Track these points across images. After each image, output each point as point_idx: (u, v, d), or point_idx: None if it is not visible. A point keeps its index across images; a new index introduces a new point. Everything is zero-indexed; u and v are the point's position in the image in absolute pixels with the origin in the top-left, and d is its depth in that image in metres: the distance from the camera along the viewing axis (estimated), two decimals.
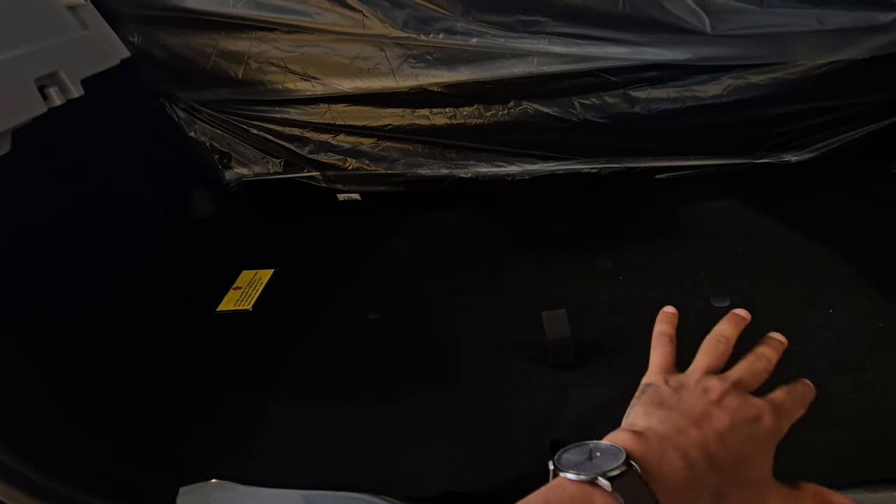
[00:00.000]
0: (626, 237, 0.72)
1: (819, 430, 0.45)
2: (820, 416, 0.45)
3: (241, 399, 0.58)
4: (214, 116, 0.78)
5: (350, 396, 0.56)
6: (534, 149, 0.79)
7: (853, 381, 0.47)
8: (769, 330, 0.53)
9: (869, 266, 0.57)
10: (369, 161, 0.82)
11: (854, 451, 0.44)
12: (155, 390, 0.61)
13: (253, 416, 0.56)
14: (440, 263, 0.75)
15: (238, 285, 0.76)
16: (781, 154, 0.77)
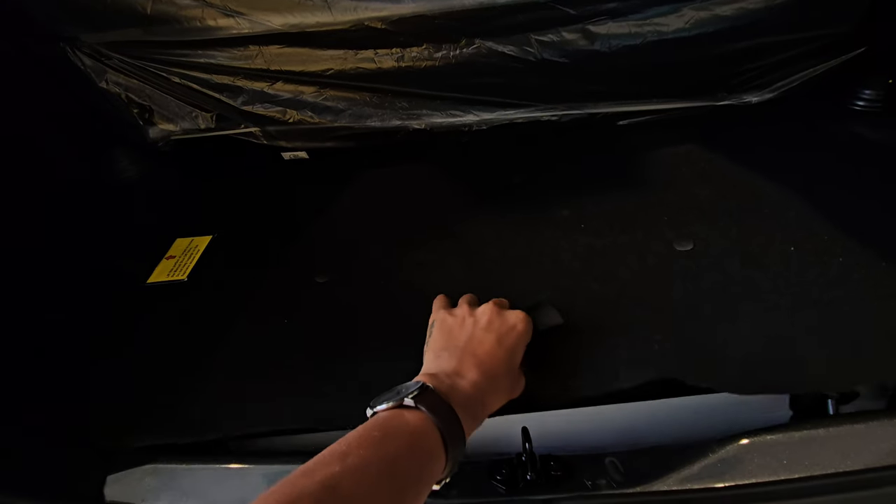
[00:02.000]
0: (587, 185, 0.69)
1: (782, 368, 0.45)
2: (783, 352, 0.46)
3: (177, 376, 0.53)
4: (127, 63, 0.69)
5: (296, 364, 0.52)
6: (490, 94, 0.74)
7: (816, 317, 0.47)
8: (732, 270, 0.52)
9: (829, 203, 0.56)
10: (312, 112, 0.75)
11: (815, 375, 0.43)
12: (81, 371, 0.55)
13: (191, 392, 0.51)
14: (395, 221, 0.70)
15: (171, 254, 0.69)
16: (742, 95, 0.75)
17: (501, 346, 0.42)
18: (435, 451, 0.35)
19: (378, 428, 0.34)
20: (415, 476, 0.33)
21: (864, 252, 0.49)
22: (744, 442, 0.42)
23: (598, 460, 0.45)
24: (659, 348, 0.48)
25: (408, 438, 0.34)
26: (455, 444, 0.36)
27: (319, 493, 0.29)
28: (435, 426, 0.35)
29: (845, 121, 0.68)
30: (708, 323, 0.49)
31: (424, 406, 0.35)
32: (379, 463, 0.32)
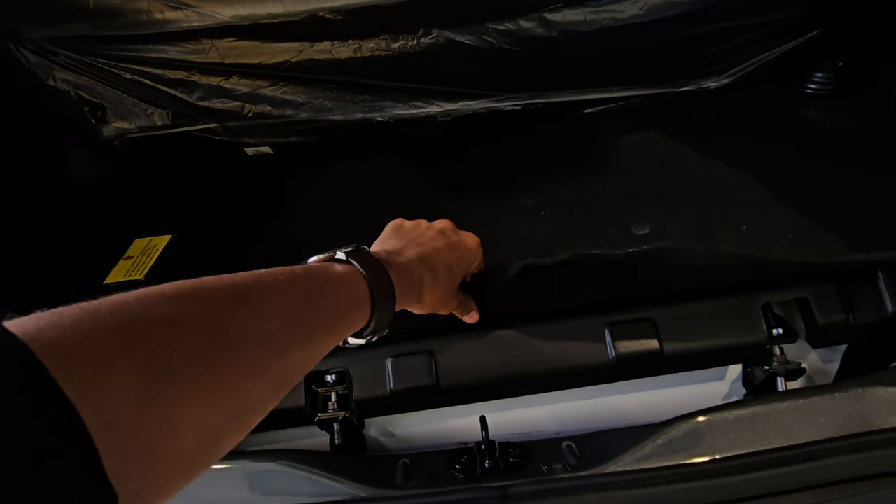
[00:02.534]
0: (549, 174, 0.69)
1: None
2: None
3: None
4: (75, 59, 0.67)
5: None
6: (451, 85, 0.74)
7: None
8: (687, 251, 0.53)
9: (782, 183, 0.57)
10: (271, 106, 0.73)
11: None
12: None
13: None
14: (358, 216, 0.70)
15: (129, 255, 0.67)
16: (701, 81, 0.76)
17: (451, 250, 0.43)
18: (358, 299, 0.33)
19: (302, 268, 0.32)
20: (330, 316, 0.31)
21: (813, 229, 0.50)
22: (696, 420, 0.43)
23: (555, 445, 0.46)
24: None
25: (332, 281, 0.32)
26: (383, 298, 0.35)
27: (227, 296, 0.26)
28: (362, 277, 0.34)
29: (798, 104, 0.69)
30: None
31: (355, 260, 0.35)
32: (295, 290, 0.29)
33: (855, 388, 0.43)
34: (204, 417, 0.23)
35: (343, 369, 0.51)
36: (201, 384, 0.22)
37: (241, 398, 0.25)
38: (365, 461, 0.48)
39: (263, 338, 0.26)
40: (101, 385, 0.19)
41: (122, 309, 0.22)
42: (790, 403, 0.43)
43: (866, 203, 0.53)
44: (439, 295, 0.42)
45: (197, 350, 0.23)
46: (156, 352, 0.21)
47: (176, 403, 0.21)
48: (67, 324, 0.20)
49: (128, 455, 0.19)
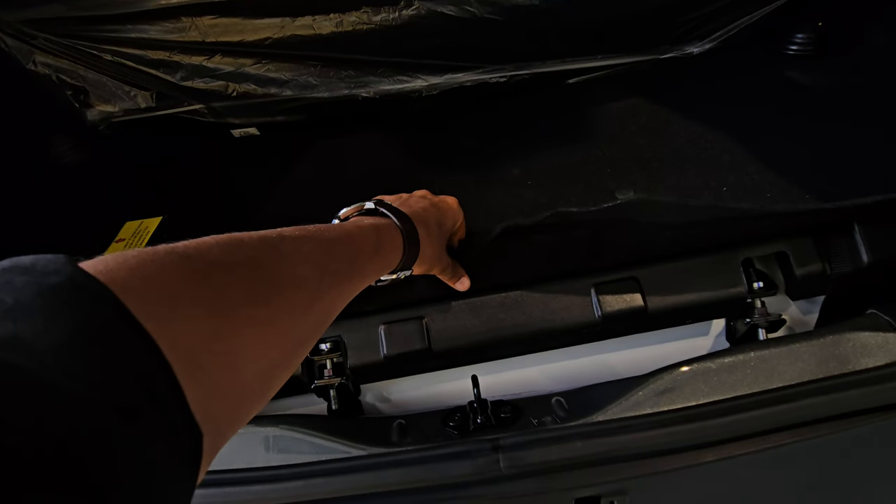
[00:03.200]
0: (535, 144, 0.70)
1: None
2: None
3: None
4: (54, 42, 0.66)
5: None
6: (435, 58, 0.74)
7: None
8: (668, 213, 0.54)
9: (761, 145, 0.58)
10: (255, 85, 0.73)
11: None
12: None
13: None
14: (346, 192, 0.69)
15: (121, 237, 0.68)
16: (684, 46, 0.76)
17: (435, 208, 0.47)
18: (390, 242, 0.38)
19: (332, 226, 0.36)
20: (363, 260, 0.35)
21: (789, 187, 0.51)
22: (680, 370, 0.45)
23: (545, 401, 0.47)
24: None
25: (365, 230, 0.37)
26: (411, 239, 0.40)
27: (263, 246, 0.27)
28: (393, 223, 0.40)
29: (779, 66, 0.70)
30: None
31: (384, 208, 0.40)
32: (321, 241, 0.32)
33: (832, 335, 0.45)
34: (261, 353, 0.24)
35: (337, 338, 0.52)
36: (257, 322, 0.24)
37: (290, 335, 0.27)
38: (361, 423, 0.50)
39: (299, 283, 0.28)
40: (174, 322, 0.20)
41: (178, 252, 0.22)
42: (770, 351, 0.44)
43: (842, 157, 0.54)
44: (434, 250, 0.44)
45: (250, 291, 0.24)
46: (218, 291, 0.22)
47: (239, 340, 0.23)
48: (134, 264, 0.20)
49: (207, 390, 0.20)
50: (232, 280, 0.24)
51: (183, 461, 0.18)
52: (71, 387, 0.15)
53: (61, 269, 0.18)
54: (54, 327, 0.16)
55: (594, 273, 0.52)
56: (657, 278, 0.51)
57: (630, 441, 0.40)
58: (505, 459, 0.40)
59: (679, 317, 0.52)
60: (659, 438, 0.40)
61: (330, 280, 0.30)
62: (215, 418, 0.20)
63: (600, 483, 0.40)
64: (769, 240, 0.52)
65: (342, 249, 0.33)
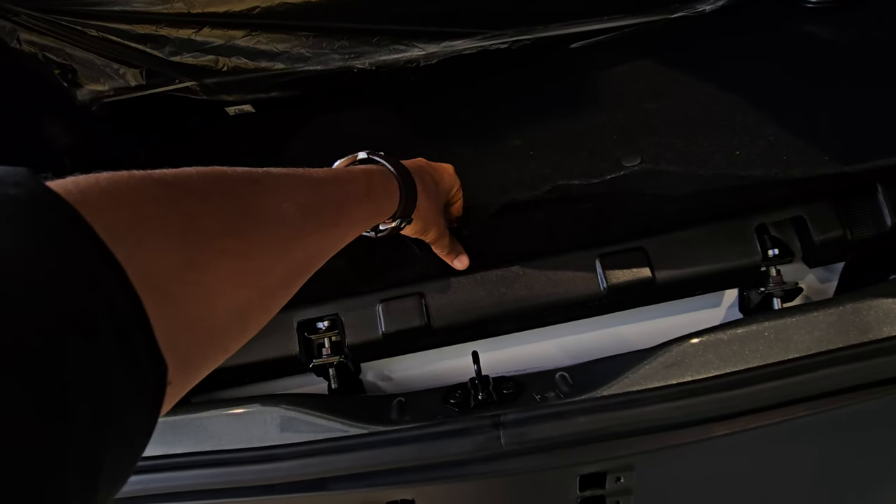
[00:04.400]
0: (537, 112, 0.67)
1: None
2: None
3: None
4: (37, 18, 0.64)
5: None
6: (431, 24, 0.70)
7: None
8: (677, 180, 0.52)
9: (777, 105, 0.55)
10: (246, 58, 0.71)
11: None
12: None
13: None
14: None
15: None
16: (696, 4, 0.72)
17: (431, 167, 0.46)
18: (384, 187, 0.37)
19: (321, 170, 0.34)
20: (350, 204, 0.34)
21: (806, 149, 0.48)
22: (690, 342, 0.43)
23: (548, 376, 0.46)
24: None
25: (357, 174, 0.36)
26: (406, 184, 0.39)
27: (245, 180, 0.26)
28: (388, 170, 0.39)
29: (798, 20, 0.65)
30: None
31: (378, 157, 0.40)
32: (306, 183, 0.31)
33: (852, 302, 0.42)
34: (237, 289, 0.23)
35: (334, 316, 0.51)
36: (232, 255, 0.23)
37: (268, 274, 0.26)
38: (360, 401, 0.49)
39: (280, 218, 0.27)
40: (143, 245, 0.18)
41: (154, 178, 0.21)
42: (785, 321, 0.42)
43: (864, 116, 0.51)
44: (431, 206, 0.43)
45: (226, 221, 0.23)
46: (192, 219, 0.21)
47: (213, 271, 0.22)
48: (105, 186, 0.19)
49: (175, 320, 0.19)
50: (208, 209, 0.23)
51: (142, 388, 0.17)
52: (22, 294, 0.14)
53: (23, 182, 0.17)
54: (7, 236, 0.15)
55: (599, 244, 0.50)
56: (666, 248, 0.49)
57: (636, 415, 0.38)
58: (506, 436, 0.39)
59: (689, 288, 0.50)
60: (667, 412, 0.38)
61: (314, 220, 0.29)
62: (183, 351, 0.19)
63: (605, 459, 0.39)
64: (785, 204, 0.49)
65: (329, 189, 0.32)
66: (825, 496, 0.45)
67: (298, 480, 0.41)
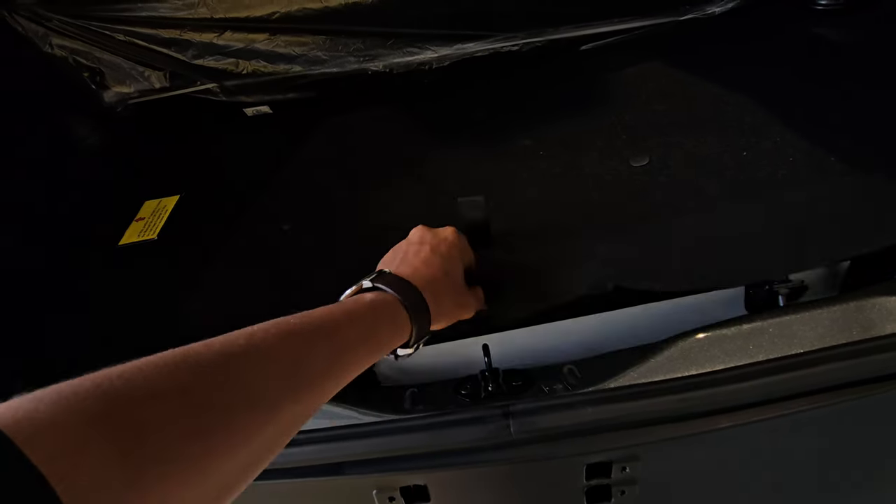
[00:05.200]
0: (547, 113, 0.68)
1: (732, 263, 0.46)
2: (733, 248, 0.47)
3: (155, 330, 0.55)
4: (69, 24, 0.67)
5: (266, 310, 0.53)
6: (445, 27, 0.72)
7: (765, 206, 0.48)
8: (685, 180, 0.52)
9: (785, 105, 0.56)
10: (265, 62, 0.73)
11: (771, 253, 0.45)
12: (62, 333, 0.57)
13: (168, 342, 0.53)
14: (358, 166, 0.70)
15: (141, 216, 0.70)
16: (705, 6, 0.73)
17: (436, 253, 0.43)
18: (392, 318, 0.36)
19: (333, 306, 0.34)
20: (361, 338, 0.33)
21: (814, 149, 0.49)
22: (695, 337, 0.44)
23: (556, 369, 0.47)
24: (612, 264, 0.49)
25: (364, 309, 0.34)
26: (417, 310, 0.37)
27: (217, 362, 0.25)
28: (396, 299, 0.37)
29: (807, 22, 0.66)
30: (660, 232, 0.50)
31: (384, 285, 0.37)
32: (317, 325, 0.31)
33: (856, 300, 0.43)
34: (184, 491, 0.21)
35: None
36: (185, 461, 0.21)
37: (225, 468, 0.23)
38: (373, 391, 0.51)
39: (252, 403, 0.25)
40: (81, 475, 0.18)
41: (104, 388, 0.21)
42: (789, 317, 0.43)
43: (872, 118, 0.51)
44: (450, 303, 0.41)
45: (182, 427, 0.22)
46: (141, 434, 0.20)
47: (163, 484, 0.20)
48: (45, 411, 0.19)
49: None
50: (164, 415, 0.21)
51: None
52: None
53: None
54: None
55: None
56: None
57: (642, 407, 0.40)
58: (515, 425, 0.40)
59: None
60: (671, 404, 0.40)
61: (297, 388, 0.27)
62: None
63: (611, 449, 0.40)
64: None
65: (323, 345, 0.30)
66: (827, 489, 0.46)
67: (316, 465, 0.43)
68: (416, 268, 0.40)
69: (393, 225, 0.58)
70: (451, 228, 0.47)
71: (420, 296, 0.38)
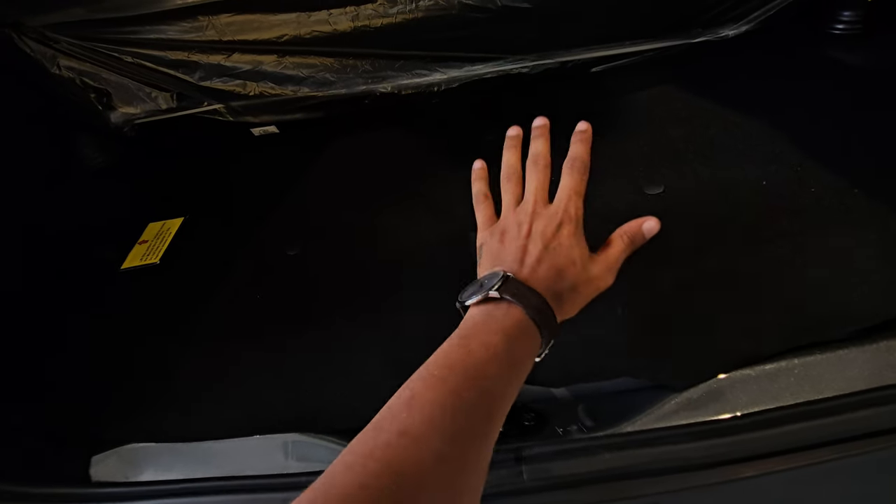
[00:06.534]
0: (559, 137, 0.66)
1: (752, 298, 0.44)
2: (754, 285, 0.45)
3: (154, 356, 0.53)
4: (77, 46, 0.67)
5: (269, 337, 0.52)
6: (454, 49, 0.71)
7: (784, 248, 0.46)
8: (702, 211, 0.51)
9: (804, 133, 0.54)
10: (273, 83, 0.73)
11: (787, 316, 0.42)
12: (60, 358, 0.56)
13: (168, 371, 0.52)
14: (365, 189, 0.69)
15: (144, 239, 0.69)
16: (718, 29, 0.72)
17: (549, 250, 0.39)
18: (526, 332, 0.35)
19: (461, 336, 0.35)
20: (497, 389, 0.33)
21: (836, 180, 0.47)
22: (716, 378, 0.42)
23: (570, 407, 0.45)
24: (623, 305, 0.47)
25: (494, 345, 0.33)
26: (547, 322, 0.36)
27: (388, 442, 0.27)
28: (524, 312, 0.35)
29: (824, 46, 0.65)
30: (674, 268, 0.48)
31: (510, 295, 0.35)
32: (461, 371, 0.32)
33: (887, 340, 0.41)
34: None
35: None
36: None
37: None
38: None
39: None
40: None
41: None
42: (815, 357, 0.41)
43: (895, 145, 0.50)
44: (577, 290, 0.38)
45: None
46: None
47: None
48: None
49: None
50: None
51: None
52: None
53: None
54: None
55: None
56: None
57: (662, 454, 0.38)
58: (528, 471, 0.38)
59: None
60: (693, 451, 0.38)
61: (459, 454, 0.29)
62: None
63: (630, 498, 0.38)
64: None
65: (470, 396, 0.31)
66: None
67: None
68: (533, 268, 0.38)
69: (401, 252, 0.57)
70: (562, 206, 0.42)
71: (545, 302, 0.36)
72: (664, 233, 0.50)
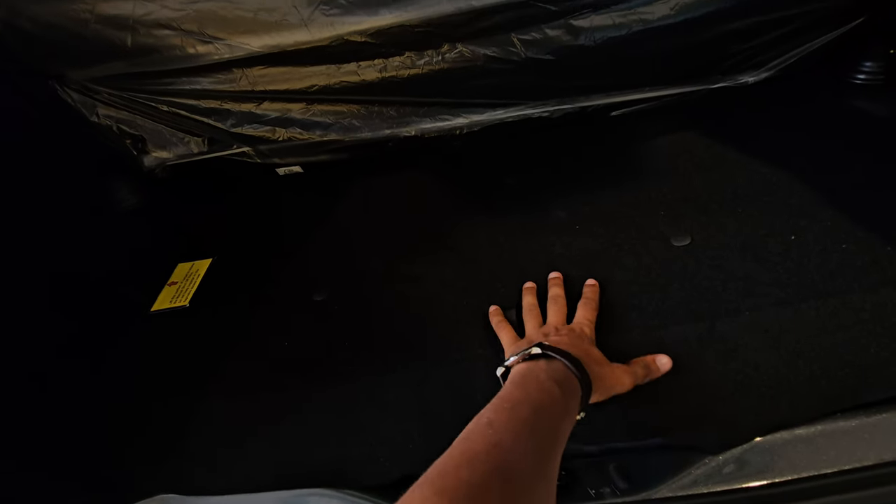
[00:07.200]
0: (581, 183, 0.67)
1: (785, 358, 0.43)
2: (786, 347, 0.44)
3: (183, 404, 0.54)
4: (116, 96, 0.70)
5: (298, 387, 0.52)
6: (477, 97, 0.73)
7: (816, 308, 0.45)
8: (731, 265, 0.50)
9: (833, 185, 0.54)
10: (301, 129, 0.75)
11: (823, 381, 0.42)
12: (87, 405, 0.56)
13: (197, 420, 0.52)
14: (389, 233, 0.70)
15: (173, 280, 0.70)
16: (737, 76, 0.73)
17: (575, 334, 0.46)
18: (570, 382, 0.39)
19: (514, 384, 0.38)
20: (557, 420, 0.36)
21: (868, 236, 0.47)
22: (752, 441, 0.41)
23: (602, 467, 0.45)
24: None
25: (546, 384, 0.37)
26: (586, 385, 0.39)
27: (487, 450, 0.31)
28: (565, 365, 0.39)
29: (846, 96, 0.65)
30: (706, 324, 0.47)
31: (552, 351, 0.40)
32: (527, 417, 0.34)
33: None
34: None
35: None
36: None
37: None
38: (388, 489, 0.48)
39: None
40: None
41: None
42: (858, 422, 0.40)
43: None
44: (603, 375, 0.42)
45: None
46: None
47: None
48: None
49: None
50: None
51: None
52: None
53: None
54: None
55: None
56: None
57: None
58: None
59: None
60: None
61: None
62: None
63: None
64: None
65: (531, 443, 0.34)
66: None
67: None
68: (559, 341, 0.43)
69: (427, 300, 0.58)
70: (580, 322, 0.48)
71: (580, 361, 0.40)
72: (695, 289, 0.50)
